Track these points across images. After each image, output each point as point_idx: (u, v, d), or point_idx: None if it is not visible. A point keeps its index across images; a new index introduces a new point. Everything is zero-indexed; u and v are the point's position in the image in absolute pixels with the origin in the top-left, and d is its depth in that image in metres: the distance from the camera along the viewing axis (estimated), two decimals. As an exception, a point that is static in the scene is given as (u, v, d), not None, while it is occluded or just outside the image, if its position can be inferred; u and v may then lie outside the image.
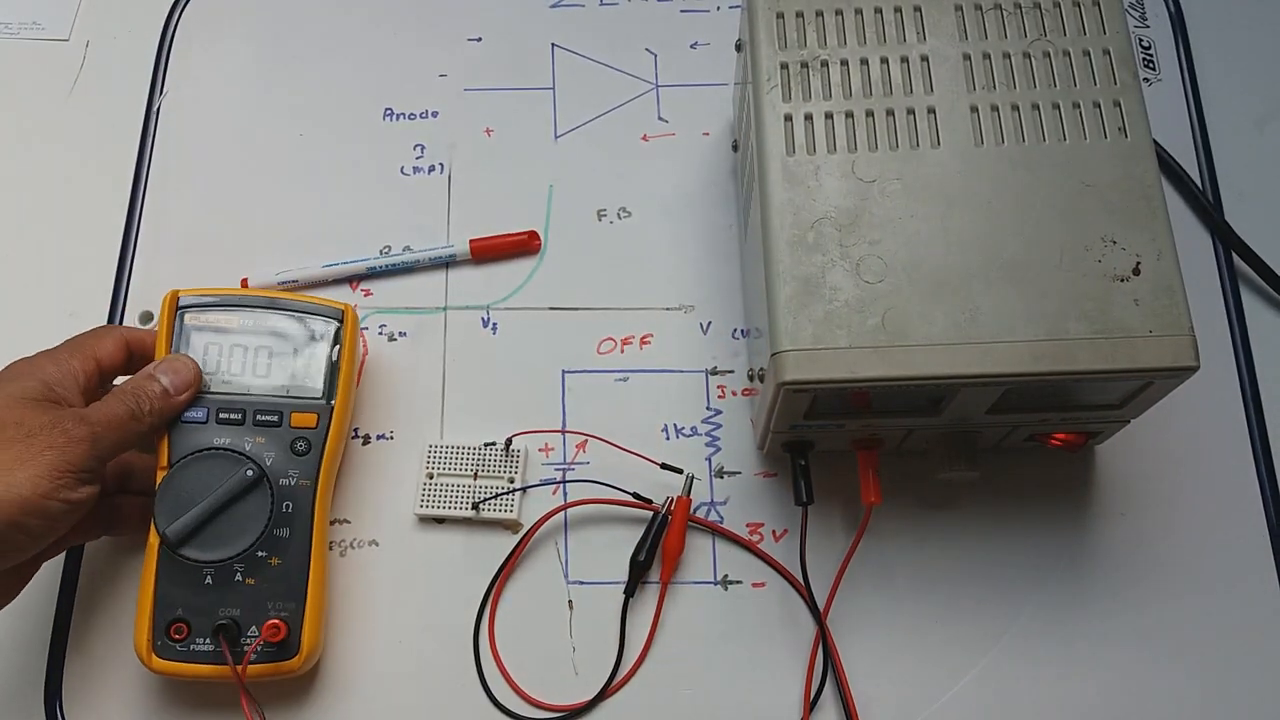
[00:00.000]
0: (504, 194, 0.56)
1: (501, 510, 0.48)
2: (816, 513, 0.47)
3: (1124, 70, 0.42)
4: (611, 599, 0.47)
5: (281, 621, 0.43)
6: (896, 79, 0.42)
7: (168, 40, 0.61)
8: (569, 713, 0.46)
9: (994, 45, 0.43)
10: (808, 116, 0.42)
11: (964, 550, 0.48)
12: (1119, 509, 0.49)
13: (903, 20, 0.43)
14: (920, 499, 0.49)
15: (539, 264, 0.54)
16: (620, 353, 0.52)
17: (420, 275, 0.54)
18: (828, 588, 0.47)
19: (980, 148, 0.41)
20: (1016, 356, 0.38)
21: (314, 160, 0.57)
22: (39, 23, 0.62)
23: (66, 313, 0.54)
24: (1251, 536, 0.48)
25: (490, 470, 0.49)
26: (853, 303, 0.39)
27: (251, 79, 0.59)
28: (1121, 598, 0.47)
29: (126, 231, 0.56)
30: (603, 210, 0.55)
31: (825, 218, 0.40)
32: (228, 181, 0.57)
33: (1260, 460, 0.50)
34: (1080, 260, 0.39)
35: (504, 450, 0.49)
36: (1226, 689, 0.46)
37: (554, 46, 0.60)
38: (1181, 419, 0.49)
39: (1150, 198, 0.40)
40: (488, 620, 0.47)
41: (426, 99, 0.58)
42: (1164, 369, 0.38)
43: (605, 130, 0.57)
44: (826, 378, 0.38)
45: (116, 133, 0.58)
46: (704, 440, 0.50)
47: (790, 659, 0.46)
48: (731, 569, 0.48)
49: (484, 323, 0.53)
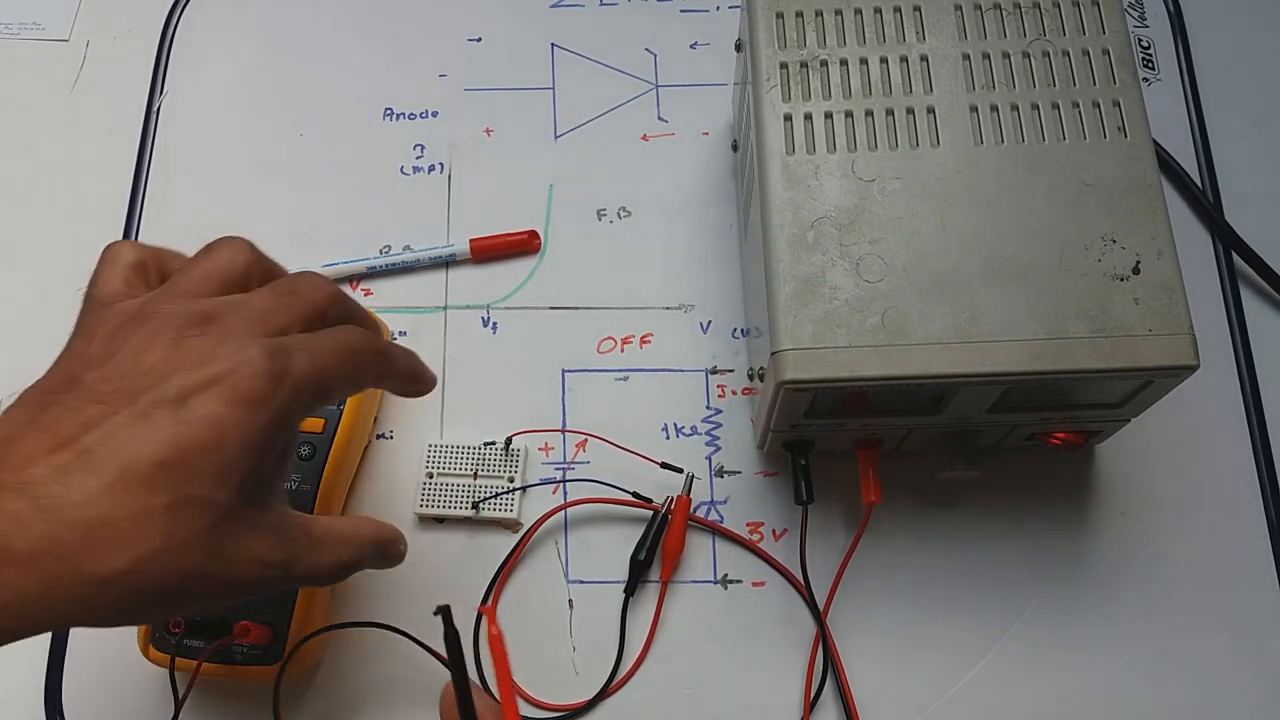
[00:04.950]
0: (504, 194, 0.56)
1: (501, 510, 0.48)
2: (816, 512, 0.47)
3: (1124, 70, 0.42)
4: (611, 598, 0.47)
5: (267, 625, 0.43)
6: (896, 79, 0.42)
7: (168, 40, 0.61)
8: (569, 712, 0.46)
9: (994, 45, 0.43)
10: (807, 116, 0.42)
11: (964, 550, 0.48)
12: (1119, 509, 0.49)
13: (903, 20, 0.43)
14: (920, 499, 0.49)
15: (539, 264, 0.54)
16: (620, 352, 0.52)
17: (420, 275, 0.54)
18: (828, 587, 0.47)
19: (980, 147, 0.41)
20: (1016, 356, 0.38)
21: (314, 160, 0.57)
22: (39, 23, 0.62)
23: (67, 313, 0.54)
24: (1251, 536, 0.48)
25: (490, 470, 0.49)
26: (852, 302, 0.39)
27: (252, 79, 0.59)
28: (1121, 597, 0.47)
29: (126, 231, 0.56)
30: (603, 210, 0.56)
31: (825, 217, 0.40)
32: (228, 181, 0.57)
33: (1260, 460, 0.50)
34: (1080, 260, 0.39)
35: (504, 450, 0.49)
36: (1226, 689, 0.46)
37: (554, 46, 0.60)
38: (1181, 419, 0.49)
39: (1150, 197, 0.40)
40: (488, 619, 0.47)
41: (426, 99, 0.58)
42: (1164, 368, 0.38)
43: (605, 130, 0.57)
44: (826, 377, 0.38)
45: (116, 133, 0.58)
46: (704, 440, 0.50)
47: (790, 658, 0.46)
48: (731, 568, 0.48)
49: (484, 322, 0.53)
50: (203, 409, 0.30)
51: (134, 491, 0.29)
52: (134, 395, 0.31)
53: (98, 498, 0.29)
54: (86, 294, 0.35)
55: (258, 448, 0.32)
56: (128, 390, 0.31)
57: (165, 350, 0.31)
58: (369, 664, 0.47)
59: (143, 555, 0.29)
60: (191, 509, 0.30)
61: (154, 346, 0.32)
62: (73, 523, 0.29)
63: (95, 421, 0.30)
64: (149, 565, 0.29)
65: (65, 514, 0.29)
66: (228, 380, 0.31)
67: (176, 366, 0.31)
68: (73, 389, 0.31)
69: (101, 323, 0.33)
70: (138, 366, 0.31)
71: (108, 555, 0.29)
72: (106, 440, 0.30)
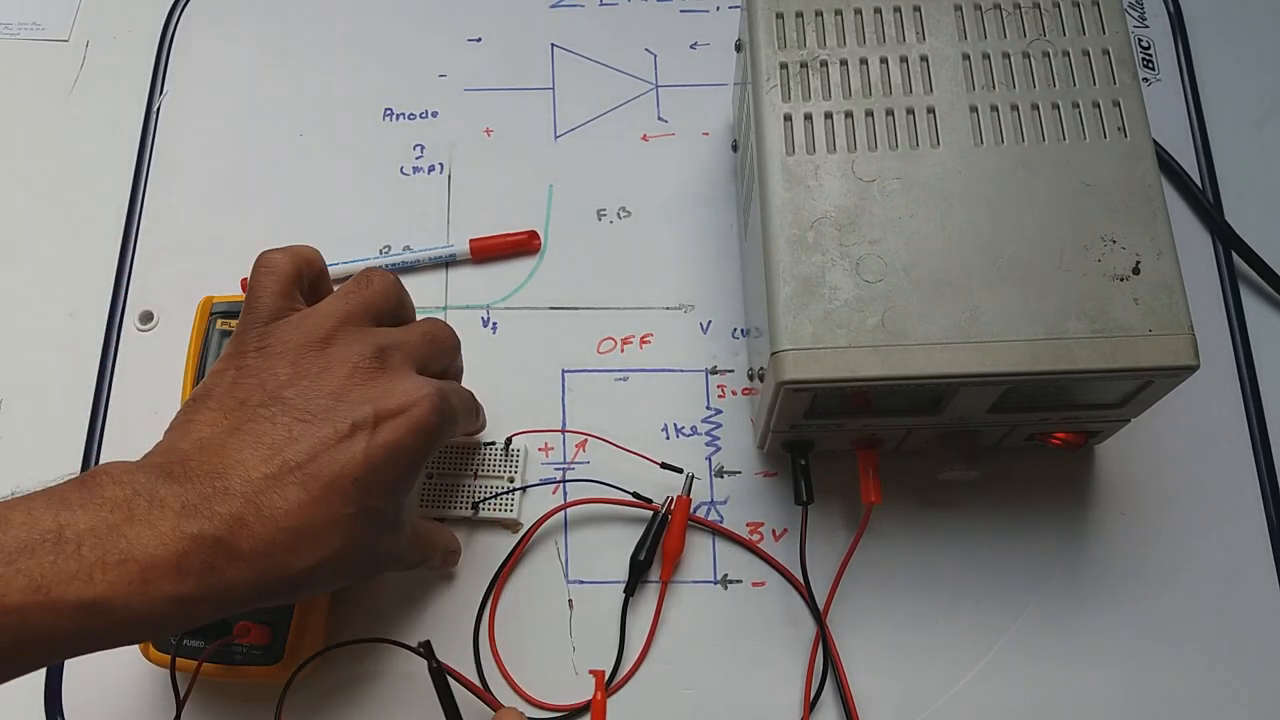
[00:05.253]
0: (504, 194, 0.56)
1: (501, 510, 0.48)
2: (816, 512, 0.47)
3: (1123, 70, 0.42)
4: (611, 598, 0.47)
5: (266, 625, 0.43)
6: (896, 79, 0.42)
7: (168, 40, 0.61)
8: (569, 712, 0.46)
9: (994, 45, 0.43)
10: (807, 116, 0.42)
11: (964, 550, 0.48)
12: (1119, 509, 0.49)
13: (903, 20, 0.43)
14: (920, 499, 0.49)
15: (539, 264, 0.54)
16: (620, 352, 0.52)
17: (420, 275, 0.54)
18: (828, 587, 0.47)
19: (980, 147, 0.41)
20: (1016, 356, 0.38)
21: (314, 160, 0.57)
22: (39, 23, 0.62)
23: (66, 313, 0.54)
24: (1251, 536, 0.48)
25: (490, 470, 0.49)
26: (852, 302, 0.39)
27: (251, 79, 0.59)
28: (1121, 597, 0.47)
29: (126, 231, 0.56)
30: (603, 210, 0.55)
31: (825, 217, 0.40)
32: (228, 181, 0.57)
33: (1260, 460, 0.50)
34: (1080, 260, 0.39)
35: (504, 450, 0.49)
36: (1226, 689, 0.46)
37: (554, 46, 0.60)
38: (1181, 419, 0.49)
39: (1150, 197, 0.40)
40: (488, 619, 0.47)
41: (426, 99, 0.58)
42: (1164, 368, 0.38)
43: (605, 130, 0.57)
44: (826, 377, 0.38)
45: (116, 133, 0.58)
46: (704, 440, 0.50)
47: (790, 658, 0.46)
48: (731, 568, 0.48)
49: (484, 322, 0.53)
50: (390, 434, 0.36)
51: (332, 503, 0.35)
52: (333, 417, 0.36)
53: (306, 507, 0.34)
54: (249, 306, 0.39)
55: (416, 470, 0.38)
56: (325, 411, 0.36)
57: (352, 378, 0.37)
58: (369, 662, 0.47)
59: (326, 555, 0.35)
60: (368, 517, 0.36)
61: (340, 374, 0.37)
62: (285, 529, 0.34)
63: (299, 436, 0.35)
64: (327, 562, 0.35)
65: (280, 521, 0.34)
66: (410, 411, 0.37)
67: (368, 396, 0.37)
68: (273, 403, 0.36)
69: (280, 342, 0.38)
70: (329, 389, 0.36)
71: (303, 555, 0.34)
72: (314, 458, 0.35)
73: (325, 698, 0.46)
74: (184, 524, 0.32)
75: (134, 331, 0.54)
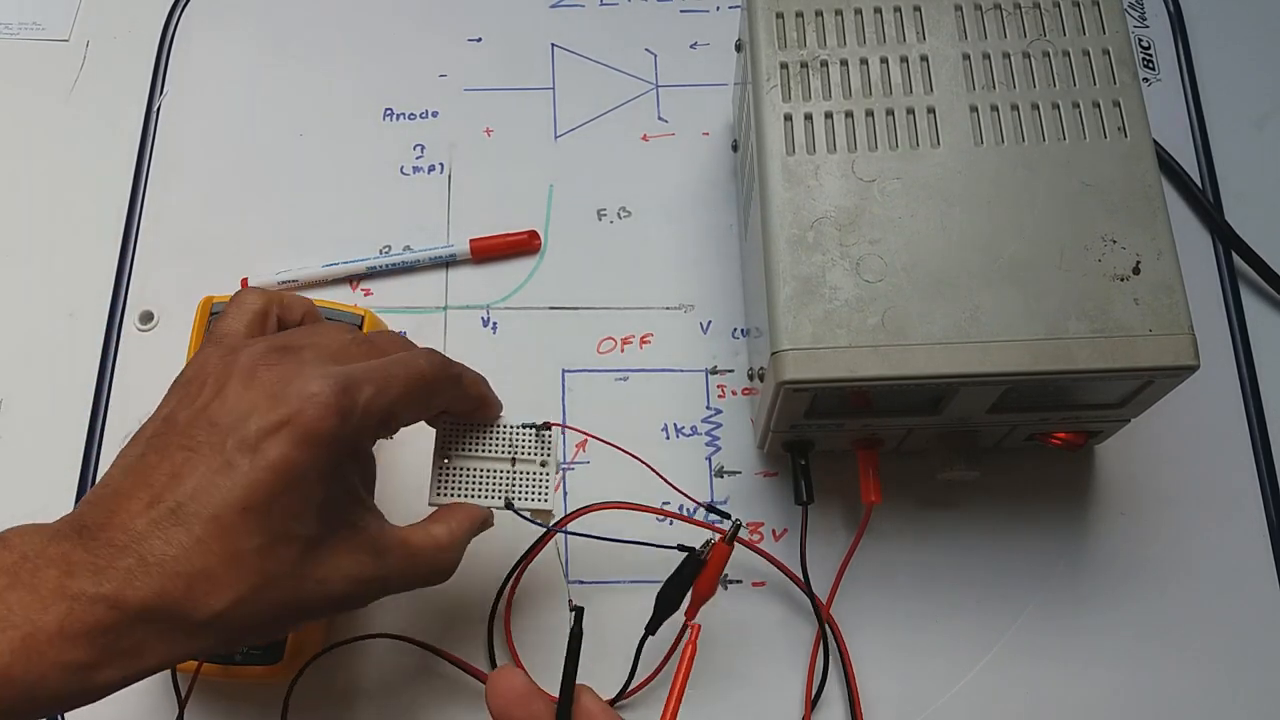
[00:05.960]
0: (504, 194, 0.56)
1: (534, 496, 0.43)
2: (817, 512, 0.47)
3: (1124, 70, 0.42)
4: (612, 598, 0.47)
5: None
6: (896, 79, 0.42)
7: (168, 40, 0.61)
8: (569, 712, 0.46)
9: (994, 45, 0.43)
10: (808, 116, 0.42)
11: (964, 550, 0.48)
12: (1119, 509, 0.49)
13: (903, 20, 0.43)
14: (920, 499, 0.49)
15: (539, 264, 0.54)
16: (620, 352, 0.52)
17: (420, 275, 0.54)
18: (828, 587, 0.47)
19: (980, 147, 0.41)
20: (1016, 356, 0.38)
21: (314, 160, 0.57)
22: (39, 23, 0.62)
23: (66, 312, 0.54)
24: (1251, 536, 0.48)
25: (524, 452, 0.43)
26: (852, 302, 0.39)
27: (251, 79, 0.59)
28: (1121, 597, 0.47)
29: (126, 231, 0.56)
30: (603, 210, 0.55)
31: (825, 217, 0.40)
32: (228, 181, 0.57)
33: (1260, 460, 0.50)
34: (1080, 260, 0.39)
35: (535, 434, 0.43)
36: (1226, 689, 0.46)
37: (554, 46, 0.60)
38: (1181, 419, 0.49)
39: (1150, 197, 0.40)
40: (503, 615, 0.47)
41: (426, 99, 0.58)
42: (1164, 368, 0.38)
43: (605, 130, 0.57)
44: (826, 377, 0.38)
45: (116, 133, 0.58)
46: (704, 440, 0.50)
47: (791, 658, 0.46)
48: (732, 568, 0.48)
49: (484, 322, 0.53)
50: (275, 452, 0.32)
51: (224, 540, 0.31)
52: (219, 441, 0.32)
53: (193, 550, 0.31)
54: (207, 334, 0.37)
55: (332, 479, 0.34)
56: (210, 436, 0.32)
57: (244, 388, 0.33)
58: (370, 661, 0.47)
59: (241, 595, 0.31)
60: (280, 545, 0.32)
61: (235, 384, 0.34)
62: (175, 574, 0.30)
63: (182, 471, 0.32)
64: (246, 603, 0.32)
65: (167, 567, 0.30)
66: (296, 421, 0.32)
67: (253, 407, 0.33)
68: (169, 431, 0.33)
69: (205, 360, 0.35)
70: (223, 407, 0.33)
71: (208, 600, 0.31)
72: (196, 494, 0.31)
73: (327, 697, 0.46)
74: (67, 584, 0.29)
75: (134, 331, 0.54)
